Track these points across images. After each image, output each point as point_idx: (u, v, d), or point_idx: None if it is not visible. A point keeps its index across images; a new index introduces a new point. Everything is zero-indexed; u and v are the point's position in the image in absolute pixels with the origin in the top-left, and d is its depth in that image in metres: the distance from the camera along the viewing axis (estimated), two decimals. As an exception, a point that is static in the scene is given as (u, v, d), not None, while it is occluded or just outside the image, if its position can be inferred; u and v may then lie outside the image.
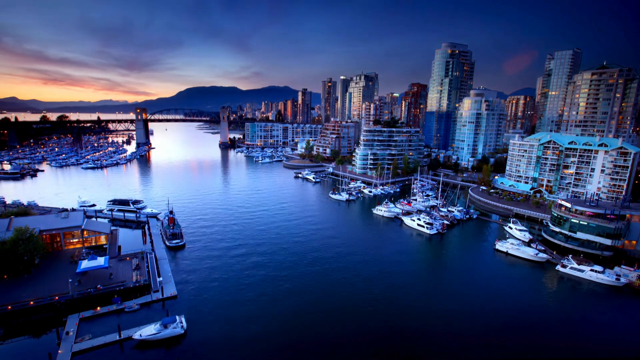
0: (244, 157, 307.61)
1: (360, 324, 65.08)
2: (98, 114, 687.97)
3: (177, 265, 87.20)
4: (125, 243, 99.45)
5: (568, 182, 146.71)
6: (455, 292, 77.89)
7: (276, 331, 62.14)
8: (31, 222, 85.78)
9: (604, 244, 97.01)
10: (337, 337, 61.21)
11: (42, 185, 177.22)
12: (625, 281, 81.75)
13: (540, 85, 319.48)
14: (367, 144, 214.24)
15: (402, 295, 75.82)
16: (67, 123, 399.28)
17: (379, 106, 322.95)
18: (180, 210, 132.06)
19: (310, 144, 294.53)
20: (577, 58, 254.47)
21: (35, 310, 64.66)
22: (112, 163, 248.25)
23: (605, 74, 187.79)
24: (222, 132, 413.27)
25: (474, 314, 69.11)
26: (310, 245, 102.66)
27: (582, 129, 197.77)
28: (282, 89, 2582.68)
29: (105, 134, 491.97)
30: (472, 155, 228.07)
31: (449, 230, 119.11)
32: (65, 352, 55.14)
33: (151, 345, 58.05)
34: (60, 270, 78.54)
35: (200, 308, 68.79)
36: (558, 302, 76.39)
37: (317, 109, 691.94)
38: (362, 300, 73.25)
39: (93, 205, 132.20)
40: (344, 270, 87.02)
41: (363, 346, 59.13)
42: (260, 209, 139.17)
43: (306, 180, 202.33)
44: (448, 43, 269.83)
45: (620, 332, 65.73)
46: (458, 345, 60.03)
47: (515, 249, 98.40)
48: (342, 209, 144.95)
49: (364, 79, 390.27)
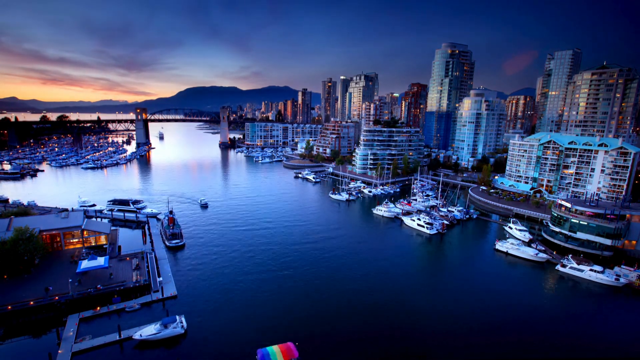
0: (244, 157, 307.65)
1: (360, 323, 65.09)
2: (98, 114, 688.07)
3: (177, 265, 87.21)
4: (125, 243, 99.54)
5: (568, 182, 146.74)
6: (455, 292, 77.86)
7: (276, 330, 62.11)
8: (31, 222, 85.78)
9: (604, 244, 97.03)
10: (337, 336, 61.21)
11: (42, 185, 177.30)
12: (625, 281, 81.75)
13: (540, 85, 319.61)
14: (367, 144, 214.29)
15: (402, 295, 75.83)
16: (67, 123, 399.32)
17: (379, 106, 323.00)
18: (180, 210, 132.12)
19: (310, 144, 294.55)
20: (577, 58, 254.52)
21: (35, 310, 64.63)
22: (112, 163, 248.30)
23: (605, 74, 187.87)
24: (222, 132, 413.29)
25: (474, 314, 69.09)
26: (310, 245, 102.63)
27: (582, 129, 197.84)
28: (282, 89, 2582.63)
29: (105, 134, 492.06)
30: (472, 155, 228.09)
31: (449, 230, 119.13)
32: (65, 352, 55.14)
33: (151, 345, 58.05)
34: (60, 270, 78.55)
35: (200, 308, 68.79)
36: (558, 301, 76.39)
37: (317, 109, 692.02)
38: (361, 300, 73.23)
39: (93, 205, 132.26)
40: (344, 270, 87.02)
41: (363, 345, 59.11)
42: (260, 209, 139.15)
43: (306, 180, 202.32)
44: (448, 43, 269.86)
45: (620, 332, 65.72)
46: (458, 344, 60.03)
47: (515, 249, 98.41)
48: (342, 209, 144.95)
49: (364, 79, 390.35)
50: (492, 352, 58.67)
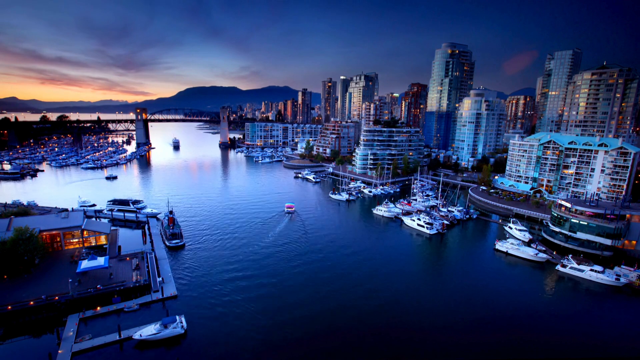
0: (244, 157, 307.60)
1: (359, 323, 65.07)
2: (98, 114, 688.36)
3: (177, 265, 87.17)
4: (125, 243, 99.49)
5: (568, 182, 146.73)
6: (455, 292, 77.82)
7: (276, 330, 62.13)
8: (31, 222, 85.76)
9: (604, 244, 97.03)
10: (337, 335, 61.21)
11: (42, 186, 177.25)
12: (625, 281, 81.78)
13: (540, 85, 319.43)
14: (367, 144, 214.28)
15: (401, 295, 75.87)
16: (67, 123, 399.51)
17: (379, 106, 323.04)
18: (180, 210, 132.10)
19: (310, 144, 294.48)
20: (577, 58, 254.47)
21: (35, 310, 64.58)
22: (112, 163, 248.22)
23: (605, 74, 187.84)
24: (222, 132, 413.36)
25: (474, 313, 69.05)
26: (309, 245, 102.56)
27: (582, 129, 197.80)
28: (282, 89, 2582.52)
29: (105, 134, 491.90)
30: (472, 155, 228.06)
31: (448, 230, 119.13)
32: (65, 352, 55.16)
33: (151, 345, 58.07)
34: (60, 270, 78.54)
35: (200, 308, 68.78)
36: (558, 301, 76.36)
37: (317, 109, 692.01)
38: (361, 300, 73.22)
39: (93, 205, 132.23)
40: (344, 270, 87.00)
41: (362, 345, 59.13)
42: (260, 209, 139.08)
43: (306, 180, 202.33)
44: (448, 43, 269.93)
45: (620, 332, 65.73)
46: (458, 343, 60.04)
47: (515, 249, 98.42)
48: (342, 209, 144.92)
49: (364, 79, 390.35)
50: (492, 351, 58.67)
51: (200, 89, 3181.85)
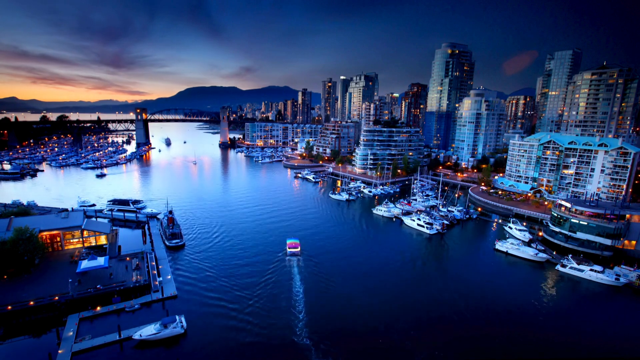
0: (244, 157, 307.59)
1: (359, 323, 65.14)
2: (98, 114, 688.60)
3: (177, 265, 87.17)
4: (125, 243, 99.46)
5: (568, 182, 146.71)
6: (454, 292, 77.76)
7: (276, 330, 62.12)
8: (31, 222, 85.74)
9: (604, 244, 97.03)
10: (336, 335, 61.22)
11: (42, 186, 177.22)
12: (625, 281, 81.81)
13: (540, 85, 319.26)
14: (367, 144, 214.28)
15: (401, 295, 75.86)
16: (67, 123, 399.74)
17: (379, 106, 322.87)
18: (180, 210, 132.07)
19: (310, 144, 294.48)
20: (577, 58, 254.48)
21: (35, 310, 64.59)
22: (112, 163, 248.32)
23: (605, 74, 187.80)
24: (222, 132, 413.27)
25: (474, 313, 69.06)
26: (309, 245, 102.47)
27: (582, 129, 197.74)
28: (282, 89, 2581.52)
29: (105, 134, 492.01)
30: (472, 155, 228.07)
31: (448, 230, 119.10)
32: (65, 352, 55.19)
33: (151, 345, 58.08)
34: (60, 270, 78.55)
35: (200, 308, 68.80)
36: (558, 301, 76.40)
37: (317, 109, 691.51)
38: (361, 299, 73.25)
39: (93, 205, 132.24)
40: (344, 270, 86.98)
41: (362, 345, 59.18)
42: (260, 209, 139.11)
43: (306, 180, 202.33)
44: (448, 43, 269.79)
45: (620, 332, 65.74)
46: (458, 343, 60.06)
47: (515, 249, 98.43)
48: (342, 209, 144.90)
49: (364, 79, 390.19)
50: (492, 351, 58.69)
51: (200, 89, 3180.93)
